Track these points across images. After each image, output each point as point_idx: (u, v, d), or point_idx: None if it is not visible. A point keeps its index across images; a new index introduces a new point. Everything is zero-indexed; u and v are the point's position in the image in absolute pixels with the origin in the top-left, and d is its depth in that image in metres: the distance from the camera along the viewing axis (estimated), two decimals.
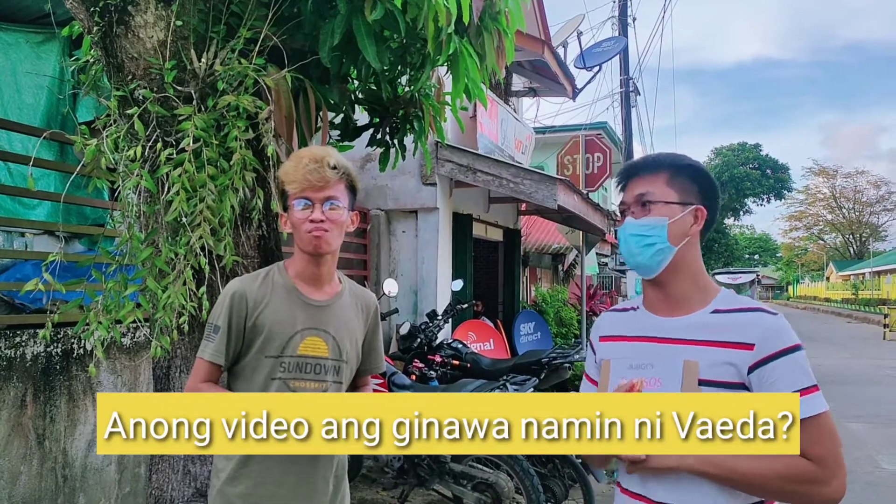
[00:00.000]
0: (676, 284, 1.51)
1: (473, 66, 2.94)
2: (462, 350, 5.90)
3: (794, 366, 1.38)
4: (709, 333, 1.44)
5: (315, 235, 1.86)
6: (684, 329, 1.47)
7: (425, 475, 4.36)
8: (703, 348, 1.43)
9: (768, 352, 1.38)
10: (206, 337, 1.89)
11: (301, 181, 1.85)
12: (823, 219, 56.30)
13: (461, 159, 6.86)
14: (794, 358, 1.38)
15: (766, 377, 1.38)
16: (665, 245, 1.48)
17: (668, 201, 1.49)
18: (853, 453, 6.71)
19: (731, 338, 1.41)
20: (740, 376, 1.40)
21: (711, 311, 1.47)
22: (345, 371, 2.00)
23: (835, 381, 11.40)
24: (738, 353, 1.40)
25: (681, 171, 1.52)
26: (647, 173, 1.53)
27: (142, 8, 2.43)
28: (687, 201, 1.50)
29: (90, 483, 3.60)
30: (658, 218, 1.48)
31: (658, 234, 1.48)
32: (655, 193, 1.50)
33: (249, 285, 1.92)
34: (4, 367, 3.18)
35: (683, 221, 1.49)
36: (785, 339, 1.39)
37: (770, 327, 1.41)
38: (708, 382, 1.41)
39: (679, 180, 1.51)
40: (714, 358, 1.41)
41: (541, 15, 9.77)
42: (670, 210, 1.49)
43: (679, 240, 1.49)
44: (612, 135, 19.17)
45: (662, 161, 1.54)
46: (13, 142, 4.75)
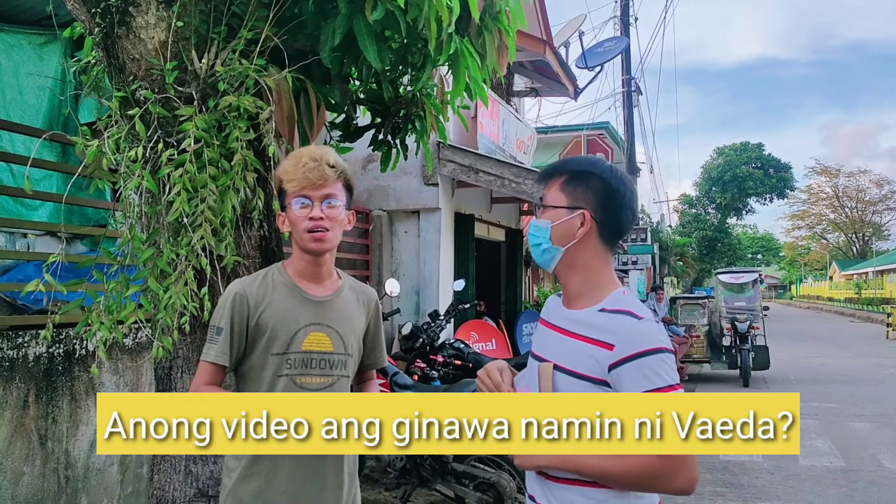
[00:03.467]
0: (570, 281, 1.61)
1: (474, 66, 2.94)
2: (464, 350, 5.90)
3: (646, 369, 1.41)
4: (585, 329, 1.52)
5: (315, 234, 1.87)
6: (573, 322, 1.56)
7: (427, 475, 4.35)
8: (577, 342, 1.52)
9: (625, 353, 1.43)
10: (209, 339, 1.89)
11: (300, 180, 1.86)
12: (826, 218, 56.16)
13: (463, 159, 6.86)
14: (648, 361, 1.41)
15: (621, 376, 1.43)
16: (548, 245, 1.59)
17: (555, 206, 1.58)
18: (856, 453, 6.70)
19: (598, 336, 1.49)
20: (602, 373, 1.46)
21: (599, 309, 1.54)
22: (351, 365, 2.01)
23: (838, 381, 11.38)
24: (601, 352, 1.46)
25: (577, 176, 1.59)
26: (549, 178, 1.63)
27: (143, 9, 2.43)
28: (574, 206, 1.56)
29: (92, 483, 3.61)
30: (544, 221, 1.59)
31: (543, 235, 1.59)
32: (546, 198, 1.61)
33: (250, 286, 1.93)
34: (7, 368, 3.19)
35: (569, 224, 1.56)
36: (642, 343, 1.43)
37: (630, 330, 1.46)
38: (571, 372, 1.50)
39: (572, 186, 1.58)
40: (583, 352, 1.49)
41: (542, 15, 9.77)
42: (556, 214, 1.58)
43: (565, 241, 1.57)
44: (615, 135, 19.16)
45: (562, 166, 1.63)
46: (15, 143, 4.77)
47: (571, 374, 1.50)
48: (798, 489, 5.60)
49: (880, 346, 18.22)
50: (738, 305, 12.82)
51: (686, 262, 34.40)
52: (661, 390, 1.40)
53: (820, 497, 5.41)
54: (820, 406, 9.03)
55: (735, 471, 6.06)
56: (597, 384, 1.47)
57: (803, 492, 5.53)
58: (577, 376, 1.49)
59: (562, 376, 1.51)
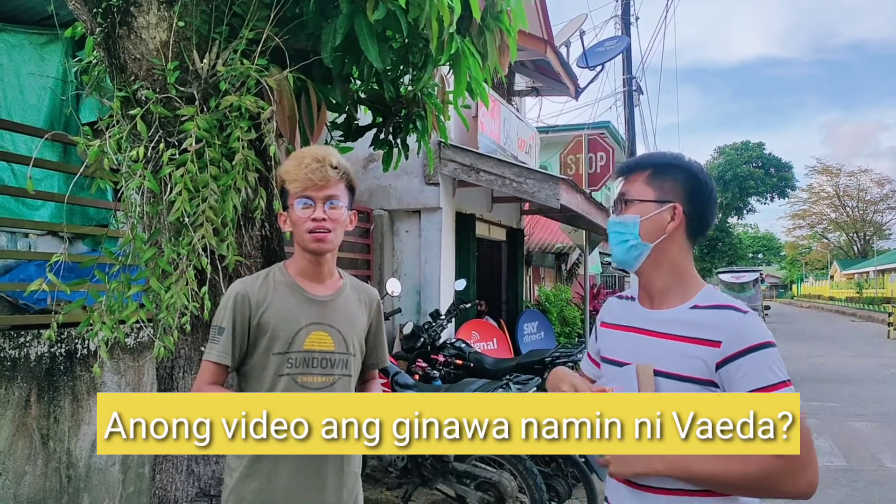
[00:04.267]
0: (656, 279, 1.54)
1: (476, 66, 2.94)
2: (465, 349, 5.90)
3: (760, 363, 1.37)
4: (682, 328, 1.46)
5: (316, 235, 1.88)
6: (663, 322, 1.51)
7: (429, 475, 4.35)
8: (674, 342, 1.46)
9: (734, 349, 1.39)
10: (211, 339, 1.90)
11: (303, 180, 1.86)
12: (827, 217, 56.14)
13: (464, 159, 6.86)
14: (760, 355, 1.38)
15: (732, 374, 1.39)
16: (637, 241, 1.52)
17: (642, 199, 1.53)
18: (857, 452, 6.69)
19: (700, 334, 1.43)
20: (709, 373, 1.41)
21: (691, 306, 1.49)
22: (353, 364, 2.01)
23: (839, 380, 11.37)
24: (706, 350, 1.41)
25: (662, 169, 1.55)
26: (630, 173, 1.58)
27: (144, 9, 2.43)
28: (664, 199, 1.52)
29: (94, 483, 3.61)
30: (632, 216, 1.53)
31: (631, 230, 1.52)
32: (632, 192, 1.55)
33: (251, 285, 1.94)
34: (9, 368, 3.19)
35: (658, 219, 1.51)
36: (752, 337, 1.39)
37: (737, 325, 1.41)
38: (676, 376, 1.44)
39: (659, 179, 1.54)
40: (684, 352, 1.44)
41: (543, 14, 9.77)
42: (644, 208, 1.52)
43: (654, 236, 1.51)
44: (615, 134, 19.16)
45: (645, 160, 1.59)
46: (17, 143, 4.77)
47: (672, 376, 1.43)
48: None
49: (881, 346, 18.20)
50: None
51: None
52: (776, 386, 1.35)
53: (821, 496, 5.40)
54: (821, 405, 9.02)
55: None
56: (703, 385, 1.41)
57: None
58: (680, 378, 1.43)
59: (661, 381, 1.45)
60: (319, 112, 2.85)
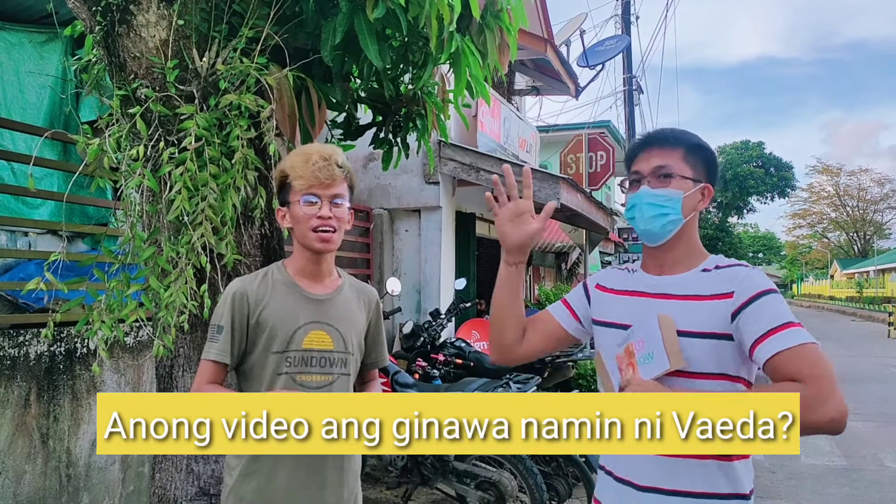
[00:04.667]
0: (676, 250, 1.61)
1: (476, 64, 2.93)
2: (465, 349, 5.89)
3: (774, 305, 1.45)
4: (694, 289, 1.54)
5: (322, 234, 1.87)
6: (672, 285, 1.57)
7: (429, 474, 4.35)
8: (688, 302, 1.53)
9: (746, 296, 1.46)
10: (210, 338, 1.90)
11: (310, 178, 1.86)
12: (827, 217, 56.13)
13: (464, 158, 6.85)
14: (771, 299, 1.45)
15: (745, 320, 1.45)
16: (678, 217, 1.57)
17: (684, 176, 1.57)
18: (858, 452, 6.70)
19: (715, 290, 1.51)
20: (725, 325, 1.47)
21: (700, 269, 1.58)
22: (352, 363, 2.01)
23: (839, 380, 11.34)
24: (721, 304, 1.48)
25: (694, 149, 1.60)
26: (665, 146, 1.60)
27: (143, 7, 2.43)
28: (698, 178, 1.59)
29: (94, 482, 3.61)
30: (675, 191, 1.57)
31: (673, 206, 1.56)
32: (674, 167, 1.58)
33: (249, 284, 1.93)
34: (8, 367, 3.19)
35: (694, 197, 1.58)
36: (760, 284, 1.47)
37: (746, 276, 1.49)
38: (693, 333, 1.49)
39: (692, 158, 1.60)
40: (699, 310, 1.50)
41: (543, 13, 9.76)
42: (686, 185, 1.57)
43: (688, 213, 1.58)
44: (616, 133, 19.15)
45: (680, 137, 1.62)
46: (17, 141, 4.76)
47: (691, 334, 1.49)
48: (800, 488, 5.59)
49: (881, 345, 18.20)
50: None
51: None
52: (787, 325, 1.40)
53: (821, 496, 5.40)
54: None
55: None
56: (719, 339, 1.48)
57: (805, 491, 5.53)
58: (699, 335, 1.49)
59: (682, 339, 1.49)
60: (319, 111, 2.85)
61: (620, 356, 1.57)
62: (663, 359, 1.47)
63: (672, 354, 1.47)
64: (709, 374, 1.50)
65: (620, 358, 1.57)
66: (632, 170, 1.65)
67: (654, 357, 1.49)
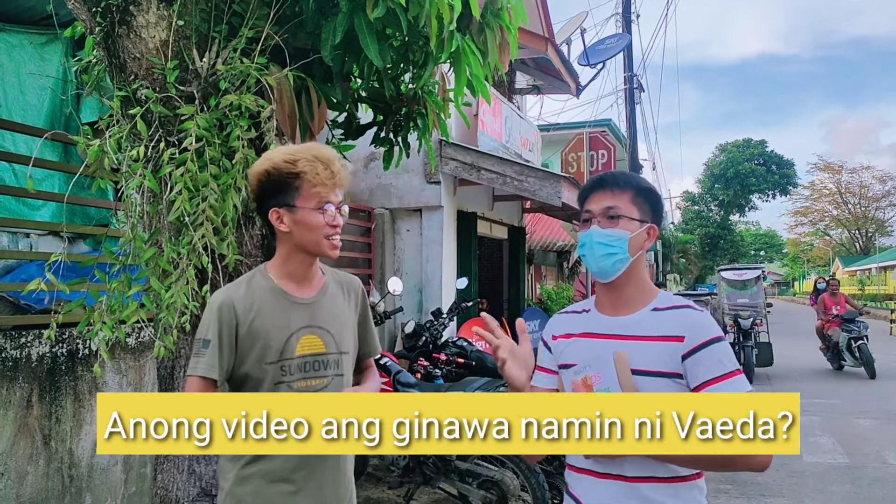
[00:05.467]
0: (626, 288, 1.69)
1: (476, 63, 2.93)
2: (467, 348, 5.89)
3: (721, 353, 1.55)
4: (647, 329, 1.62)
5: (335, 242, 1.85)
6: (626, 326, 1.65)
7: (431, 473, 4.35)
8: (642, 342, 1.61)
9: (696, 342, 1.56)
10: (196, 353, 1.81)
11: (332, 186, 1.82)
12: (829, 214, 55.96)
13: (465, 157, 6.85)
14: (719, 347, 1.56)
15: (695, 364, 1.55)
16: (625, 256, 1.65)
17: (631, 217, 1.67)
18: (861, 449, 6.68)
19: (665, 332, 1.60)
20: (675, 365, 1.56)
21: (651, 309, 1.66)
22: (345, 362, 1.97)
23: (841, 377, 11.36)
24: (672, 345, 1.57)
25: (642, 192, 1.70)
26: (615, 189, 1.69)
27: (143, 8, 2.43)
28: (644, 219, 1.69)
29: (96, 483, 3.61)
30: (623, 231, 1.66)
31: (621, 245, 1.65)
32: (622, 208, 1.67)
33: (235, 293, 1.85)
34: (10, 368, 3.19)
35: (640, 236, 1.68)
36: (710, 332, 1.57)
37: (696, 322, 1.59)
38: (645, 372, 1.58)
39: (640, 200, 1.69)
40: (651, 350, 1.59)
41: (544, 12, 9.75)
42: (632, 225, 1.67)
43: (635, 252, 1.67)
44: (617, 132, 19.14)
45: (629, 180, 1.72)
46: (17, 143, 4.77)
47: (644, 373, 1.57)
48: (802, 486, 5.58)
49: (884, 343, 18.15)
50: (742, 302, 12.78)
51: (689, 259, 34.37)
52: (733, 374, 1.52)
53: (824, 494, 5.39)
54: (824, 403, 9.00)
55: None
56: (670, 378, 1.56)
57: (807, 489, 5.52)
58: (651, 374, 1.57)
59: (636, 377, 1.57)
60: (320, 110, 2.85)
61: (577, 383, 1.64)
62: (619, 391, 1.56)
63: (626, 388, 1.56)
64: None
65: (576, 385, 1.64)
66: (584, 209, 1.74)
67: (610, 390, 1.58)
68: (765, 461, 1.47)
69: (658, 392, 1.55)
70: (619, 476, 1.58)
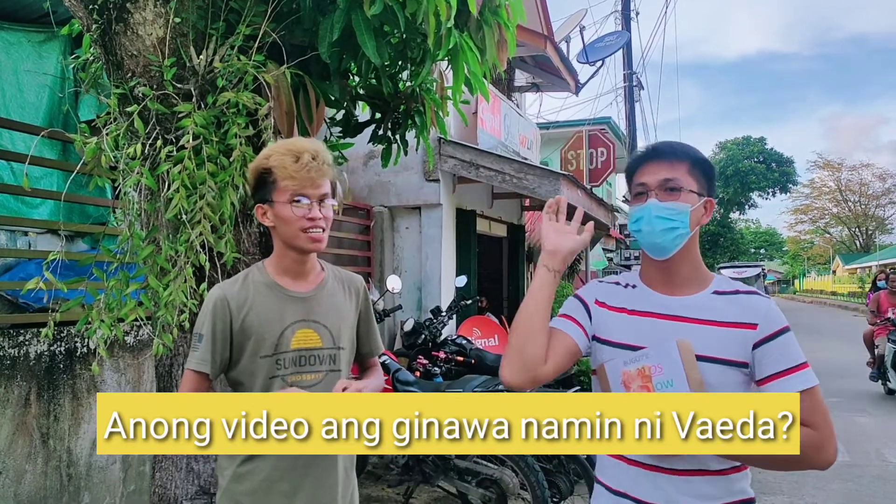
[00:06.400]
0: (683, 266, 1.61)
1: (474, 61, 2.92)
2: (466, 346, 5.89)
3: (792, 344, 1.51)
4: (713, 313, 1.54)
5: (312, 234, 1.84)
6: (688, 307, 1.57)
7: (430, 472, 4.35)
8: (708, 327, 1.53)
9: (770, 331, 1.50)
10: (192, 347, 1.85)
11: (302, 179, 1.80)
12: (829, 212, 56.00)
13: (464, 155, 6.84)
14: (790, 337, 1.52)
15: (767, 353, 1.49)
16: (686, 230, 1.57)
17: (691, 190, 1.58)
18: (861, 447, 6.68)
19: (735, 318, 1.53)
20: (745, 354, 1.50)
21: (712, 291, 1.59)
22: (342, 358, 1.96)
23: (842, 375, 11.36)
24: (743, 332, 1.51)
25: (698, 163, 1.61)
26: (671, 159, 1.60)
27: (140, 5, 2.42)
28: (702, 192, 1.60)
29: (95, 481, 3.61)
30: (684, 204, 1.56)
31: (682, 219, 1.56)
32: (681, 181, 1.58)
33: (230, 289, 1.88)
34: (8, 366, 3.18)
35: (699, 210, 1.59)
36: (782, 320, 1.53)
37: (770, 309, 1.54)
38: (711, 359, 1.50)
39: (697, 172, 1.60)
40: (720, 336, 1.52)
41: (543, 9, 9.74)
42: (692, 198, 1.58)
43: (695, 227, 1.59)
44: (616, 130, 19.12)
45: (685, 151, 1.62)
46: (16, 141, 4.76)
47: (711, 360, 1.50)
48: (802, 484, 5.58)
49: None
50: None
51: None
52: (802, 367, 1.48)
53: (824, 492, 5.39)
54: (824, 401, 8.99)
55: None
56: (737, 367, 1.51)
57: (808, 486, 5.52)
58: (717, 361, 1.51)
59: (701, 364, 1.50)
60: (318, 108, 2.84)
61: (630, 373, 1.54)
62: (684, 387, 1.47)
63: (693, 383, 1.47)
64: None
65: (629, 375, 1.54)
66: (636, 182, 1.63)
67: (674, 384, 1.48)
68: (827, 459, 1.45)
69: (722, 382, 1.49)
70: (670, 470, 1.52)
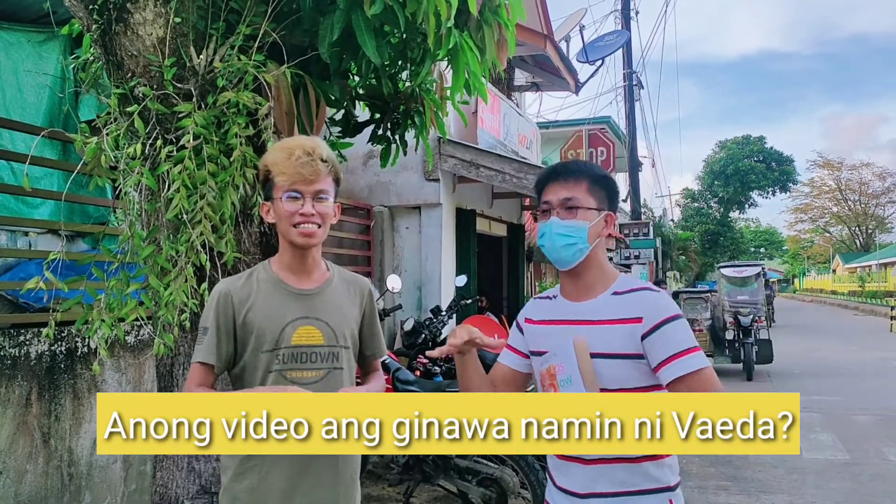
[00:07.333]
0: (586, 274, 1.74)
1: (474, 60, 2.92)
2: None
3: (679, 331, 1.60)
4: (606, 313, 1.67)
5: (303, 229, 1.85)
6: (587, 311, 1.70)
7: (430, 471, 4.35)
8: (601, 326, 1.66)
9: (654, 322, 1.60)
10: (198, 341, 1.89)
11: (292, 174, 1.82)
12: (829, 211, 56.00)
13: (464, 155, 6.84)
14: (676, 325, 1.60)
15: (653, 343, 1.59)
16: (585, 245, 1.70)
17: (589, 207, 1.70)
18: (861, 446, 6.69)
19: (624, 314, 1.64)
20: (635, 347, 1.61)
21: (611, 293, 1.71)
22: (344, 356, 1.97)
23: (841, 374, 11.36)
24: (631, 327, 1.62)
25: (597, 181, 1.74)
26: (570, 179, 1.73)
27: (140, 5, 2.42)
28: (601, 208, 1.73)
29: (96, 481, 3.61)
30: (581, 222, 1.70)
31: (581, 235, 1.69)
32: (580, 199, 1.71)
33: (234, 284, 1.92)
34: (9, 366, 3.19)
35: (598, 225, 1.72)
36: (667, 311, 1.62)
37: (656, 302, 1.64)
38: (606, 355, 1.63)
39: (596, 189, 1.73)
40: (611, 333, 1.64)
41: (542, 9, 9.74)
42: (590, 215, 1.71)
43: (594, 240, 1.71)
44: (616, 129, 19.12)
45: (584, 170, 1.76)
46: (16, 141, 4.76)
47: (606, 356, 1.63)
48: (802, 483, 5.59)
49: (884, 340, 18.17)
50: (741, 299, 12.77)
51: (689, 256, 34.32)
52: (690, 350, 1.56)
53: (824, 490, 5.40)
54: (824, 400, 9.01)
55: (739, 464, 6.06)
56: (632, 359, 1.61)
57: (807, 485, 5.52)
58: (613, 356, 1.62)
59: (596, 361, 1.62)
60: (318, 108, 2.84)
61: (543, 373, 1.70)
62: (579, 380, 1.61)
63: (587, 382, 1.59)
64: (627, 390, 1.61)
65: (542, 375, 1.70)
66: (542, 199, 1.76)
67: (572, 381, 1.62)
68: None
69: (621, 375, 1.60)
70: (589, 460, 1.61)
